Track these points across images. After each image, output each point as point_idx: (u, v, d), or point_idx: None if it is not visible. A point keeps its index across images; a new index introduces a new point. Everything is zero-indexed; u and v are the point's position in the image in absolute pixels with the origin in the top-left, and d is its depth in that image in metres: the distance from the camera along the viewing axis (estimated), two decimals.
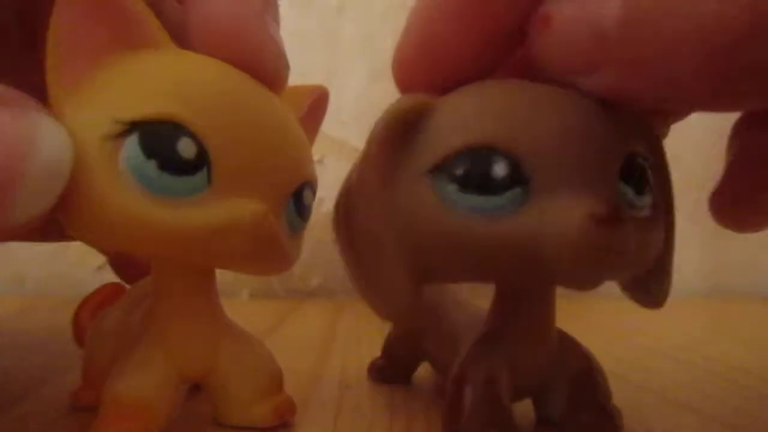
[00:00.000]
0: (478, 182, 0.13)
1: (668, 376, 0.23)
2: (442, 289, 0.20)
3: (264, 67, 0.15)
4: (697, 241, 0.49)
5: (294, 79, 0.16)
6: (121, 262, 0.26)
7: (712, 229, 0.18)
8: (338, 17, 0.45)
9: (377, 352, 0.22)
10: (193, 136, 0.13)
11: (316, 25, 0.45)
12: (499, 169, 0.13)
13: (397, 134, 0.14)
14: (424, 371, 0.21)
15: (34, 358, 0.24)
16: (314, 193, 0.16)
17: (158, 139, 0.13)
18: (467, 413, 0.15)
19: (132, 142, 0.13)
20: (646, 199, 0.14)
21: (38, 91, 0.14)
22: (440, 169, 0.13)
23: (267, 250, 0.14)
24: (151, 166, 0.13)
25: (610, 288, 0.15)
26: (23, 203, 0.12)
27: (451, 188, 0.13)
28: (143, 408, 0.15)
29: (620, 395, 0.16)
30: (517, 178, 0.13)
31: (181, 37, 0.16)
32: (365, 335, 0.29)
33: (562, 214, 0.12)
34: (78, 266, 0.27)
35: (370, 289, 0.15)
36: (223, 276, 0.16)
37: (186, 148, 0.13)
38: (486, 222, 0.13)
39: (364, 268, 0.15)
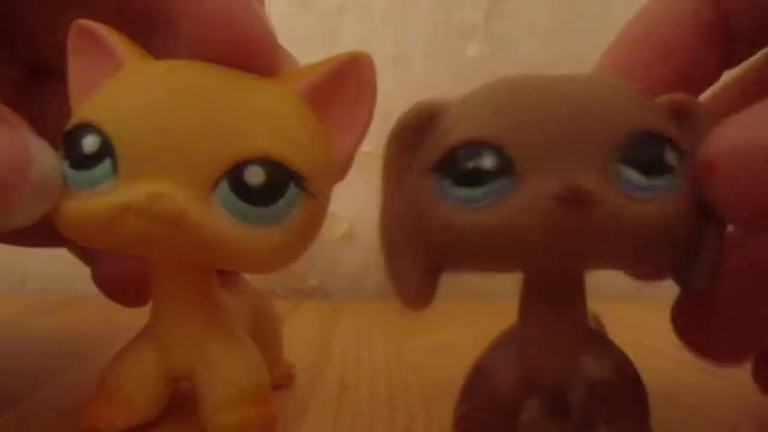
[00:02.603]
0: (468, 175, 0.13)
1: (670, 376, 0.23)
2: None
3: (257, 50, 0.15)
4: None
5: None
6: (104, 278, 0.26)
7: None
8: (338, 17, 0.45)
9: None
10: (98, 132, 0.14)
11: (316, 25, 0.45)
12: (487, 161, 0.13)
13: (405, 138, 0.15)
14: (423, 369, 0.21)
15: (34, 358, 0.24)
16: (275, 171, 0.14)
17: (70, 141, 0.14)
18: (462, 399, 0.16)
19: (61, 150, 0.15)
20: (662, 181, 0.13)
21: (12, 84, 0.15)
22: (439, 166, 0.14)
23: (180, 233, 0.13)
24: (65, 166, 0.14)
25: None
26: (20, 211, 0.13)
27: (446, 183, 0.14)
28: (125, 398, 0.16)
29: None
30: (504, 168, 0.13)
31: (172, 37, 0.16)
32: (365, 335, 0.29)
33: (530, 199, 0.13)
34: (78, 266, 0.27)
35: (390, 277, 0.15)
36: None
37: (90, 143, 0.14)
38: (474, 212, 0.13)
39: (386, 258, 0.15)
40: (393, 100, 0.16)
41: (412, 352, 0.26)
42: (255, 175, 0.14)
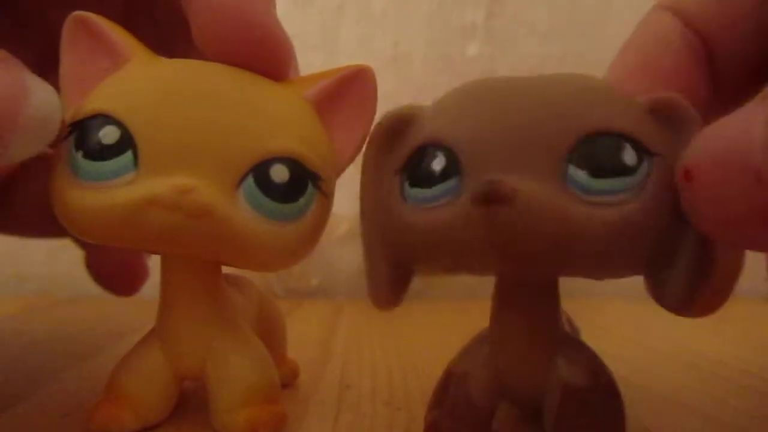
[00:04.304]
0: (421, 176, 0.14)
1: (670, 377, 0.23)
2: None
3: (273, 53, 0.15)
4: None
5: None
6: (96, 265, 0.26)
7: None
8: (338, 17, 0.45)
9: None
10: (118, 123, 0.14)
11: (316, 25, 0.45)
12: (437, 163, 0.14)
13: (382, 140, 0.15)
14: (423, 369, 0.21)
15: (34, 358, 0.24)
16: (297, 170, 0.14)
17: (85, 131, 0.14)
18: (432, 404, 0.16)
19: (71, 139, 0.14)
20: (616, 183, 0.13)
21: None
22: (403, 167, 0.14)
23: (206, 228, 0.13)
24: (78, 156, 0.14)
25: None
26: (16, 146, 0.13)
27: (406, 184, 0.14)
28: (135, 398, 0.16)
29: (622, 396, 0.16)
30: (452, 169, 0.13)
31: (177, 36, 0.16)
32: (365, 335, 0.29)
33: (462, 201, 0.13)
34: (78, 266, 0.27)
35: (366, 274, 0.15)
36: None
37: (108, 134, 0.14)
38: (427, 212, 0.14)
39: (364, 254, 0.15)
40: (393, 100, 0.16)
41: (412, 352, 0.26)
42: (280, 173, 0.14)
